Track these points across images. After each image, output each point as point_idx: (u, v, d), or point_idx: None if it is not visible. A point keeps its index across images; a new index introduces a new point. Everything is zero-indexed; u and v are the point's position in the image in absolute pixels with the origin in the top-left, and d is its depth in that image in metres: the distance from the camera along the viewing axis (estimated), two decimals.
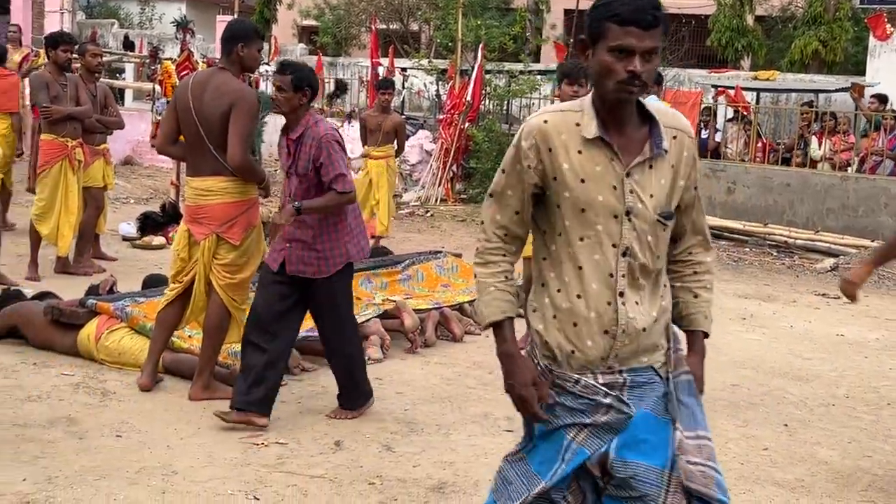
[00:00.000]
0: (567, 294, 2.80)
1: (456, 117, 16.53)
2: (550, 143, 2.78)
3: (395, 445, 5.33)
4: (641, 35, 2.67)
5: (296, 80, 5.39)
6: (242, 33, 5.80)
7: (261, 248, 5.99)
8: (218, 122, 5.60)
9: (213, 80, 5.72)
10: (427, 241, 12.98)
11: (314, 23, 28.55)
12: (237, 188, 5.71)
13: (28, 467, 4.65)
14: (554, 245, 2.84)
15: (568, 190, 2.77)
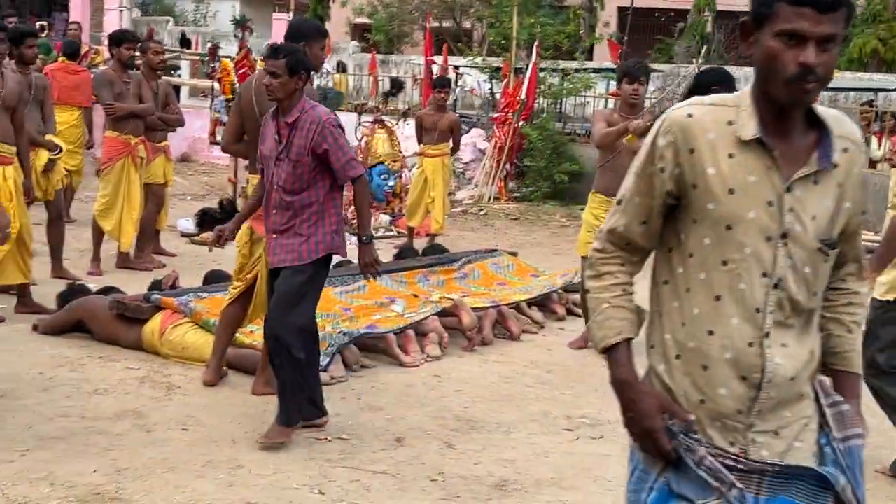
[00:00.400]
0: (695, 329, 2.32)
1: (510, 115, 16.52)
2: (693, 143, 2.29)
3: (455, 442, 5.36)
4: (818, 18, 2.19)
5: (291, 64, 5.08)
6: (307, 32, 5.85)
7: None
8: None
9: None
10: (481, 239, 12.99)
11: (367, 20, 28.70)
12: None
13: (98, 459, 4.74)
14: (682, 267, 2.35)
15: (712, 201, 2.28)
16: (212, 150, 16.05)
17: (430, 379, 6.51)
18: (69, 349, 6.54)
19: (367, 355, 6.77)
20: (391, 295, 7.84)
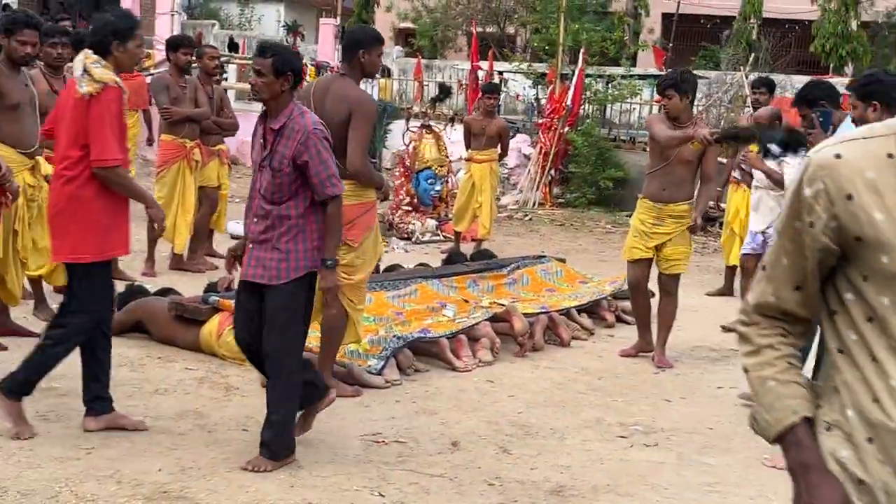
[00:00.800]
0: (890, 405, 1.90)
1: (555, 121, 16.55)
2: (850, 188, 1.90)
3: (511, 447, 5.40)
4: None
5: (277, 64, 4.77)
6: (365, 39, 5.93)
7: (377, 251, 6.11)
8: (337, 128, 5.71)
9: (334, 86, 5.86)
10: (526, 244, 13.03)
11: (411, 25, 28.80)
12: (356, 191, 5.82)
13: (163, 458, 4.83)
14: (856, 333, 1.95)
15: (885, 253, 1.89)
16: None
17: (483, 384, 6.56)
18: (129, 349, 6.65)
19: (419, 359, 6.83)
20: (442, 300, 7.91)
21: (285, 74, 4.79)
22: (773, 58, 21.86)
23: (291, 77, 4.82)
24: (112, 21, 5.09)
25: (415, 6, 28.31)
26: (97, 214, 4.97)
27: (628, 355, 7.48)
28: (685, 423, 6.01)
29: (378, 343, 6.65)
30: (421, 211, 13.44)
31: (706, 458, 5.46)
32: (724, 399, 6.59)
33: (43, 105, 6.82)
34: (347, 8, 27.48)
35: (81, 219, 4.94)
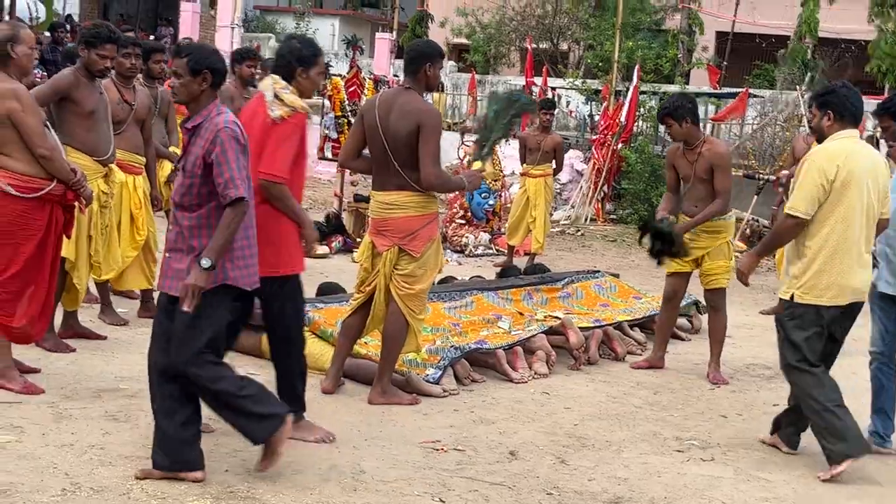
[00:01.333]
0: None
1: (609, 138, 16.60)
2: None
3: (568, 458, 5.46)
4: None
5: (192, 63, 4.59)
6: (431, 53, 6.04)
7: (438, 262, 6.20)
8: (403, 141, 5.82)
9: (399, 99, 5.95)
10: (579, 259, 13.09)
11: (465, 41, 28.97)
12: (420, 202, 5.93)
13: (229, 458, 4.95)
14: None
15: None
16: (317, 165, 16.40)
17: (539, 396, 6.63)
18: None
19: (476, 370, 6.91)
20: (498, 312, 7.99)
21: (202, 73, 4.61)
22: (829, 77, 21.71)
23: (209, 76, 4.63)
24: (297, 48, 5.32)
25: (469, 22, 28.45)
26: (273, 232, 5.20)
27: (640, 368, 7.53)
28: (742, 439, 6.04)
29: (436, 353, 6.74)
30: (474, 224, 13.54)
31: (763, 473, 5.48)
32: None
33: (114, 114, 7.04)
34: (402, 23, 27.71)
35: (275, 234, 5.20)
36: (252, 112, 5.28)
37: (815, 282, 5.47)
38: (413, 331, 6.13)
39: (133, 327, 7.39)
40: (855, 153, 5.51)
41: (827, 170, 5.40)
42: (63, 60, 13.13)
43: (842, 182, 5.40)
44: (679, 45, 24.46)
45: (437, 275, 6.47)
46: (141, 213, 7.34)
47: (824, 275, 5.46)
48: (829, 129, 5.58)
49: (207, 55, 4.69)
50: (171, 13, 29.51)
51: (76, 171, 5.72)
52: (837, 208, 5.43)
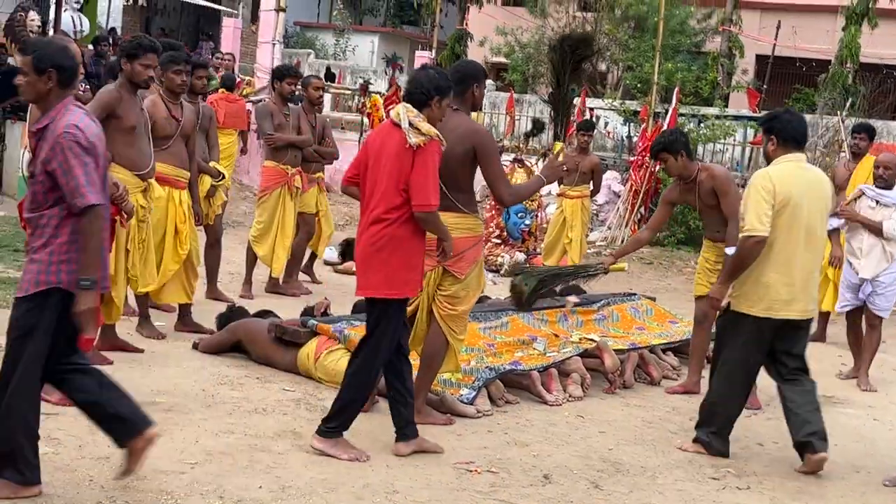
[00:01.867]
0: None
1: (647, 159, 16.52)
2: None
3: (602, 483, 5.43)
4: None
5: (36, 61, 4.40)
6: (476, 74, 6.04)
7: (480, 283, 6.18)
8: (457, 163, 5.79)
9: (450, 121, 5.81)
10: (615, 281, 12.99)
11: (503, 60, 29.00)
12: (467, 224, 5.91)
13: (263, 475, 4.96)
14: None
15: None
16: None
17: (574, 419, 6.60)
18: (228, 368, 6.83)
19: (510, 391, 6.89)
20: (533, 333, 7.96)
21: (46, 71, 4.40)
22: (870, 103, 21.54)
23: (55, 74, 4.41)
24: (436, 78, 5.48)
25: (508, 41, 28.48)
26: (409, 254, 5.40)
27: (675, 393, 7.48)
28: (778, 468, 5.98)
29: (470, 373, 6.73)
30: (510, 244, 13.53)
31: (800, 503, 5.42)
32: None
33: (162, 130, 7.12)
34: (441, 41, 27.79)
35: (398, 258, 5.35)
36: (381, 142, 5.43)
37: (748, 291, 5.85)
38: (454, 351, 6.13)
39: (170, 341, 7.43)
40: (793, 176, 5.81)
41: (766, 188, 5.72)
42: (106, 74, 13.27)
43: (779, 203, 5.72)
44: (719, 68, 24.34)
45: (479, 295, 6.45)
46: (185, 227, 7.42)
47: (757, 287, 5.82)
48: (773, 153, 5.92)
49: (53, 53, 4.47)
50: (213, 28, 29.78)
51: (118, 185, 5.78)
52: (774, 229, 5.75)
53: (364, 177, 5.47)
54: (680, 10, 26.15)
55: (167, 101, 7.33)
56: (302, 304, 8.47)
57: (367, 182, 5.45)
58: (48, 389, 5.62)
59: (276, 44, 16.74)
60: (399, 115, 5.38)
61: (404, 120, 5.34)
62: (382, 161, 5.32)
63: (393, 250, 5.34)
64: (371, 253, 5.39)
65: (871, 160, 9.76)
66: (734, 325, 5.96)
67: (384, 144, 5.38)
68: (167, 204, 7.25)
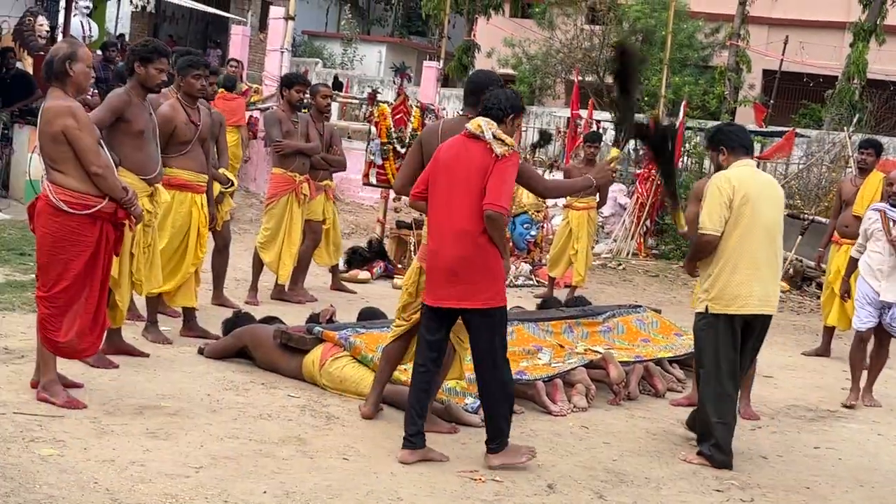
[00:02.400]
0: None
1: (653, 172, 16.55)
2: None
3: (606, 494, 5.42)
4: None
5: None
6: (484, 84, 6.05)
7: None
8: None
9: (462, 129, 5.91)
10: (620, 294, 13.04)
11: (511, 71, 29.05)
12: None
13: (267, 481, 4.96)
14: None
15: None
16: (362, 191, 16.52)
17: (578, 429, 6.59)
18: (234, 374, 6.83)
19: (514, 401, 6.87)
20: (538, 343, 7.96)
21: None
22: (877, 120, 21.56)
23: None
24: (514, 97, 5.67)
25: (515, 53, 28.54)
26: (499, 263, 5.55)
27: (680, 405, 7.47)
28: (782, 481, 5.97)
29: (475, 382, 6.72)
30: (515, 255, 13.54)
31: None
32: (822, 459, 6.53)
33: (182, 135, 7.24)
34: (449, 52, 27.84)
35: (493, 267, 5.52)
36: (456, 155, 5.57)
37: (723, 293, 6.06)
38: (459, 359, 6.14)
39: (176, 346, 7.44)
40: (749, 177, 6.12)
41: (725, 189, 6.00)
42: (114, 79, 13.32)
43: (739, 201, 5.99)
44: (726, 82, 24.38)
45: None
46: (205, 231, 7.53)
47: (729, 286, 6.05)
48: (726, 162, 6.23)
49: None
50: (221, 35, 29.87)
51: (127, 189, 5.80)
52: (737, 227, 6.03)
53: (435, 190, 5.61)
54: (688, 24, 26.20)
55: (185, 105, 7.39)
56: (307, 311, 8.47)
57: (440, 195, 5.58)
58: (53, 391, 5.67)
59: (285, 52, 16.79)
60: (481, 127, 5.52)
61: (488, 132, 5.48)
62: (462, 173, 5.48)
63: (485, 260, 5.49)
64: (463, 265, 5.49)
65: (878, 176, 9.77)
66: (713, 329, 6.13)
67: (461, 157, 5.53)
68: (190, 209, 7.36)
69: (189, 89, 7.40)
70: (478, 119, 5.59)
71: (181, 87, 7.40)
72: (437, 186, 5.60)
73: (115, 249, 5.95)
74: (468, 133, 5.56)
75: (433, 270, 5.62)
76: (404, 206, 14.03)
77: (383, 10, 40.12)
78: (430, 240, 5.69)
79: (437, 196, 5.59)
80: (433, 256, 5.62)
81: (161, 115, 7.21)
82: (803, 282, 14.35)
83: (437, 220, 5.61)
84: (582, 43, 27.54)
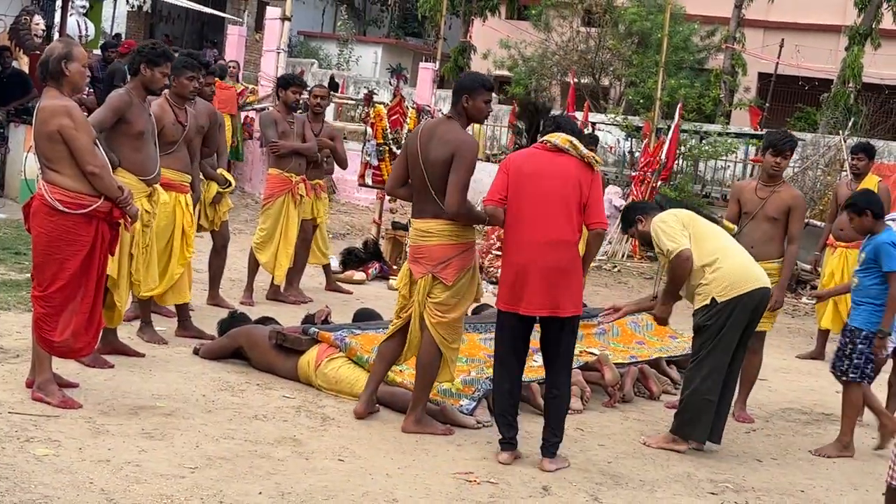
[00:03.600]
0: None
1: (649, 175, 16.58)
2: None
3: (601, 496, 5.43)
4: None
5: None
6: (468, 86, 6.06)
7: (473, 291, 6.20)
8: (439, 169, 5.88)
9: (439, 128, 6.02)
10: (614, 296, 13.04)
11: (506, 73, 29.06)
12: (455, 231, 5.96)
13: (263, 481, 4.96)
14: None
15: None
16: (358, 192, 16.52)
17: (573, 431, 6.59)
18: (229, 374, 6.83)
19: None
20: (533, 345, 7.94)
21: None
22: (872, 123, 21.59)
23: None
24: (574, 126, 6.08)
25: (511, 54, 28.53)
26: (581, 273, 5.88)
27: (675, 408, 7.46)
28: (776, 484, 5.98)
29: (471, 384, 6.74)
30: None
31: None
32: (817, 462, 6.55)
33: (169, 134, 7.22)
34: (445, 54, 27.84)
35: (580, 277, 5.86)
36: (541, 165, 5.80)
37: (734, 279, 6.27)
38: (447, 360, 6.14)
39: (171, 346, 7.43)
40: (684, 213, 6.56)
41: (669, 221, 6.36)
42: (108, 78, 13.32)
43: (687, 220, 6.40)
44: (721, 85, 24.40)
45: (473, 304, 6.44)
46: (191, 231, 7.47)
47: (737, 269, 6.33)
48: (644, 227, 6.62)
49: None
50: (217, 36, 29.86)
51: (123, 188, 5.80)
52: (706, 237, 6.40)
53: (520, 202, 5.75)
54: (684, 26, 26.18)
55: (174, 105, 7.37)
56: (303, 311, 8.47)
57: (525, 205, 5.72)
58: (48, 391, 5.67)
59: (281, 52, 16.77)
60: (572, 142, 5.77)
61: (581, 147, 5.77)
62: (556, 185, 5.70)
63: (577, 270, 5.78)
64: (559, 275, 5.70)
65: (873, 179, 9.81)
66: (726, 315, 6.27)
67: (550, 169, 5.74)
68: (174, 209, 7.29)
69: (180, 90, 7.41)
70: (563, 135, 5.80)
71: (172, 87, 7.39)
72: (524, 198, 5.73)
73: (110, 249, 5.94)
74: (553, 146, 5.77)
75: (521, 280, 5.73)
76: (401, 207, 14.05)
77: (379, 11, 40.09)
78: (513, 252, 5.79)
79: (525, 207, 5.73)
80: (520, 268, 5.73)
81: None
82: (798, 285, 14.37)
83: (526, 231, 5.73)
84: (578, 45, 27.55)
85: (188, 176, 7.54)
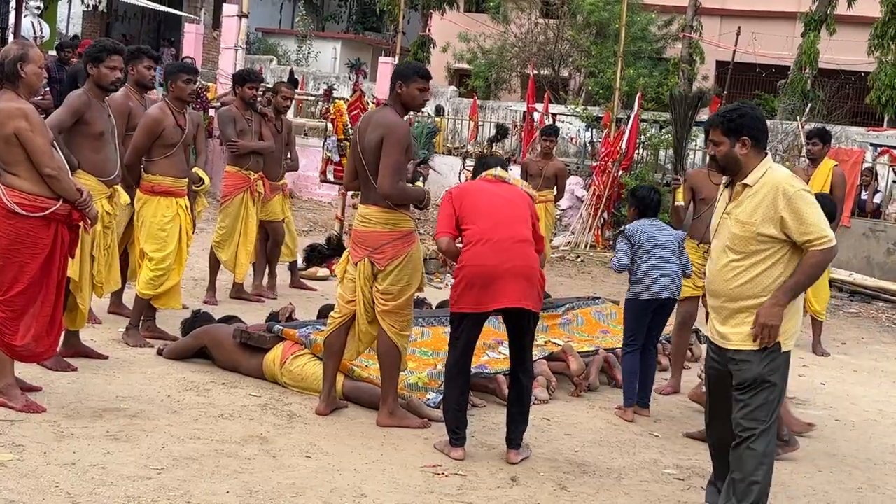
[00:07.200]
0: None
1: (609, 165, 16.66)
2: None
3: (568, 485, 5.46)
4: None
5: None
6: (401, 73, 6.13)
7: (415, 280, 6.18)
8: (373, 154, 5.98)
9: (374, 115, 6.17)
10: (578, 286, 13.10)
11: (466, 66, 29.09)
12: (388, 219, 6.03)
13: (230, 480, 4.94)
14: None
15: None
16: (319, 188, 16.47)
17: (540, 422, 6.63)
18: (194, 374, 6.80)
19: (476, 395, 6.90)
20: (498, 337, 7.98)
21: None
22: (829, 109, 21.80)
23: None
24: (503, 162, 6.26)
25: (470, 47, 28.59)
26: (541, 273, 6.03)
27: (666, 394, 7.57)
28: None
29: (437, 377, 6.74)
30: None
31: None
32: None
33: (169, 137, 7.40)
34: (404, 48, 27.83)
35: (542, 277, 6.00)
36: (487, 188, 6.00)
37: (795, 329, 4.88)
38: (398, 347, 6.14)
39: (133, 347, 7.37)
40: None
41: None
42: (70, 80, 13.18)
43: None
44: (680, 74, 24.51)
45: (415, 292, 6.39)
46: (191, 233, 7.66)
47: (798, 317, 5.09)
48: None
49: None
50: (174, 34, 29.66)
51: (82, 190, 5.75)
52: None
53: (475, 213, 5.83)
54: (641, 16, 26.35)
55: (174, 109, 7.43)
56: (267, 309, 8.45)
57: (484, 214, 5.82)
58: (11, 395, 5.61)
59: (239, 50, 16.66)
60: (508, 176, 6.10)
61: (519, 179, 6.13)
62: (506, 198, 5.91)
63: (539, 270, 5.91)
64: (531, 272, 5.79)
65: (828, 164, 9.91)
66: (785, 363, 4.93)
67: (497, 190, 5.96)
68: (177, 212, 7.47)
69: (179, 93, 7.53)
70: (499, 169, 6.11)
71: (171, 91, 7.54)
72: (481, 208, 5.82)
73: (70, 251, 5.89)
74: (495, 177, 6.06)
75: (491, 281, 5.69)
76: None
77: (337, 7, 39.97)
78: (482, 256, 5.71)
79: (486, 216, 5.79)
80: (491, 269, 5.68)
81: (150, 116, 7.35)
82: None
83: (497, 231, 5.74)
84: (537, 37, 27.65)
85: (185, 180, 7.65)
